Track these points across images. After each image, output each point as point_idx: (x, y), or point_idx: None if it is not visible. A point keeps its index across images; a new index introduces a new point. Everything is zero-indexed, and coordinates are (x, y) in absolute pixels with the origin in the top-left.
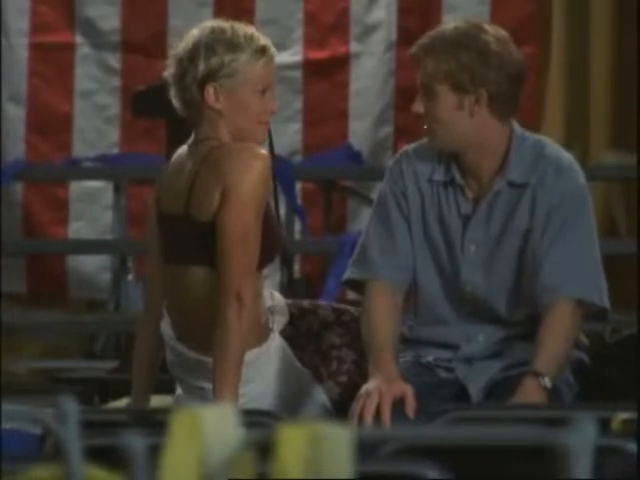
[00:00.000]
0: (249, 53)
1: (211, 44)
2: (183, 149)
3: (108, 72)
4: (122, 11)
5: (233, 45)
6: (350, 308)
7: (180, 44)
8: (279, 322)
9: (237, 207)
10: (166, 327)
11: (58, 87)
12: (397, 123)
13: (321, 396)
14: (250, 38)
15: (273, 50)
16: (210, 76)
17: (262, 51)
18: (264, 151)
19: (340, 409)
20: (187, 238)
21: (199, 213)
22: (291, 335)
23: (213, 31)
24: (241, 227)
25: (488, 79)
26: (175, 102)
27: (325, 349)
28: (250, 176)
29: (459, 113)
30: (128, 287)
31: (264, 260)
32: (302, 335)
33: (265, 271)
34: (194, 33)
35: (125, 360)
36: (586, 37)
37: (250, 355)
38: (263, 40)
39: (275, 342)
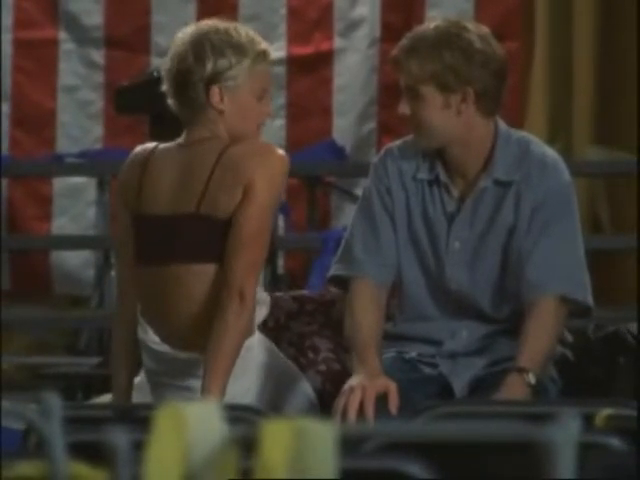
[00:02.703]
0: (252, 57)
1: (218, 45)
2: (167, 149)
3: (91, 68)
4: (105, 7)
5: (239, 48)
6: (310, 294)
7: (175, 42)
8: (260, 314)
9: (256, 207)
10: (147, 334)
11: (42, 83)
12: (381, 119)
13: (307, 388)
14: (252, 41)
15: (271, 53)
16: (216, 77)
17: (263, 55)
18: (283, 153)
19: (324, 398)
20: (197, 236)
21: (215, 211)
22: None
23: (217, 31)
24: (256, 227)
25: (473, 77)
26: (171, 99)
27: (296, 339)
28: (272, 178)
29: (446, 112)
30: (112, 283)
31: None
32: (271, 329)
33: None
34: (191, 31)
35: (108, 355)
36: (569, 33)
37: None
38: (263, 44)
39: (258, 336)
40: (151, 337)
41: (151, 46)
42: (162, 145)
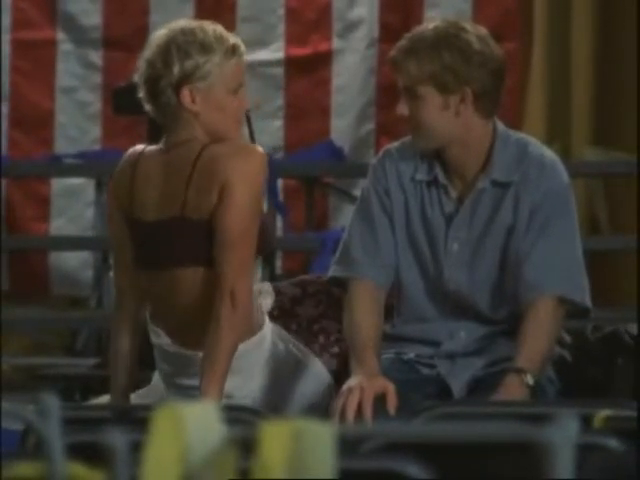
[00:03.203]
0: (221, 53)
1: (184, 46)
2: (151, 152)
3: (89, 68)
4: (103, 7)
5: (205, 47)
6: (309, 277)
7: (148, 46)
8: (266, 304)
9: (235, 206)
10: (160, 337)
11: (40, 84)
12: (379, 120)
13: (322, 370)
14: (220, 38)
15: (243, 47)
16: (185, 79)
17: (233, 50)
18: (261, 149)
19: (341, 379)
20: (185, 239)
21: (197, 213)
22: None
23: (183, 32)
24: (238, 226)
25: (472, 78)
26: (147, 105)
27: (306, 324)
28: (248, 175)
29: (445, 113)
30: (110, 284)
31: (257, 253)
32: (277, 317)
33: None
34: (162, 34)
35: (106, 356)
36: (568, 33)
37: (251, 344)
38: (232, 39)
39: (269, 325)
40: (165, 340)
41: None
42: (149, 148)
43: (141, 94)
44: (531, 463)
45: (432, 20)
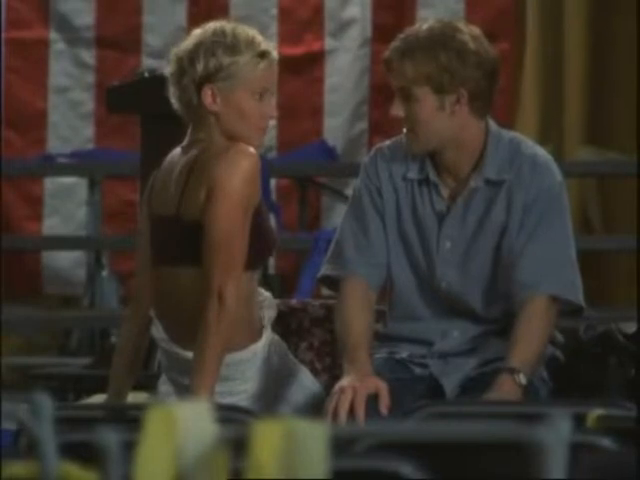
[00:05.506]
0: (248, 57)
1: (210, 46)
2: (176, 151)
3: (82, 68)
4: (96, 7)
5: (232, 48)
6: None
7: (182, 43)
8: (269, 317)
9: (221, 205)
10: (158, 331)
11: (33, 83)
12: (372, 119)
13: (315, 385)
14: (251, 42)
15: (274, 54)
16: (207, 78)
17: (262, 55)
18: (253, 150)
19: None
20: (178, 239)
21: (190, 214)
22: (281, 333)
23: (214, 33)
24: (225, 226)
25: (468, 78)
26: (173, 101)
27: (318, 345)
28: (236, 174)
29: (440, 114)
30: (103, 283)
31: (256, 260)
32: (293, 332)
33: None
34: (197, 33)
35: (99, 356)
36: (560, 33)
37: (247, 353)
38: (264, 45)
39: (269, 338)
40: (161, 335)
41: (142, 46)
42: (175, 150)
43: (169, 91)
44: (524, 463)
45: (425, 20)
